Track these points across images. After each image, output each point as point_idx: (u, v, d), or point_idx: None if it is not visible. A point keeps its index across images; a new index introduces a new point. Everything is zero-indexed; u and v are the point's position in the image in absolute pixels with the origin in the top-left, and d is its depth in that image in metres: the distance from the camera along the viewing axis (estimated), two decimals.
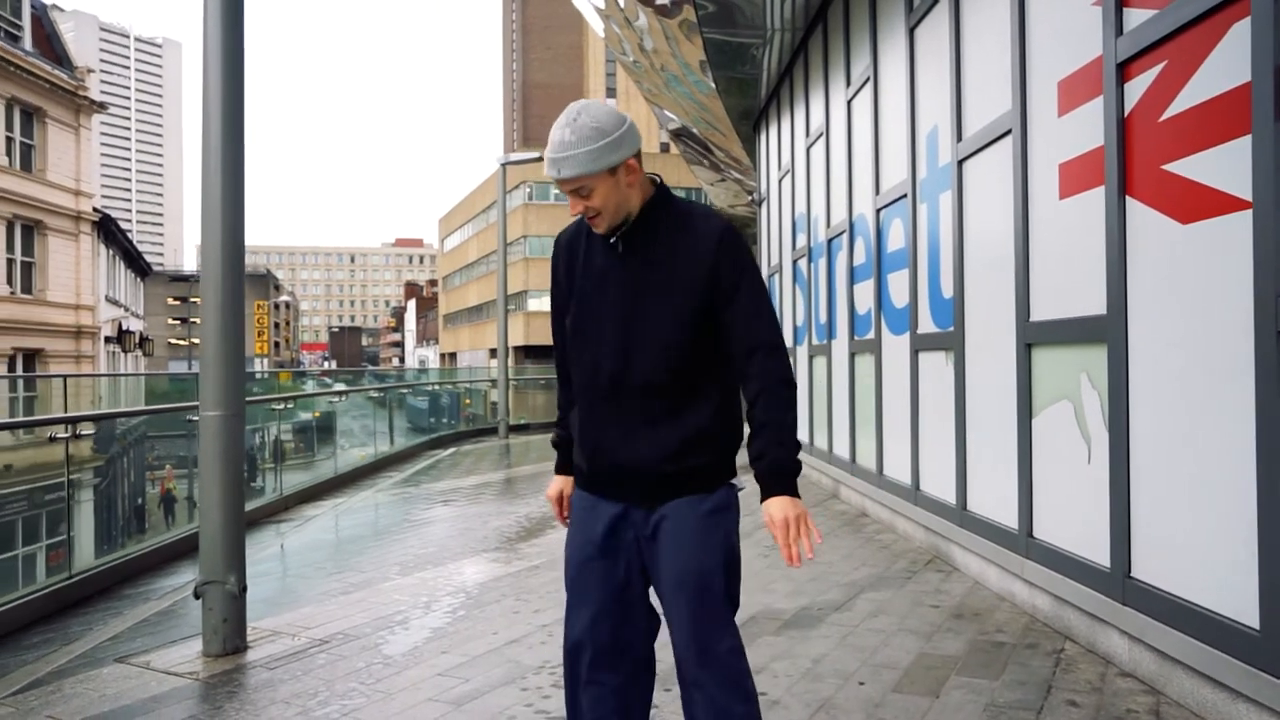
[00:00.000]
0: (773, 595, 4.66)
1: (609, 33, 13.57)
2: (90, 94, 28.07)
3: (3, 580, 15.74)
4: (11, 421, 14.66)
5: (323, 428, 17.18)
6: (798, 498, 1.99)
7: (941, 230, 5.17)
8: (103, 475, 17.58)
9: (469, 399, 21.28)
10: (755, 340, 1.99)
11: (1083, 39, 3.54)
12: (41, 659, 4.04)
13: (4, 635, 4.44)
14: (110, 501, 18.77)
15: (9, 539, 16.45)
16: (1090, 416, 3.56)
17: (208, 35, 3.98)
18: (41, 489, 14.61)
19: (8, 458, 17.37)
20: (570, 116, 1.94)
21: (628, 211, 2.02)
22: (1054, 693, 3.19)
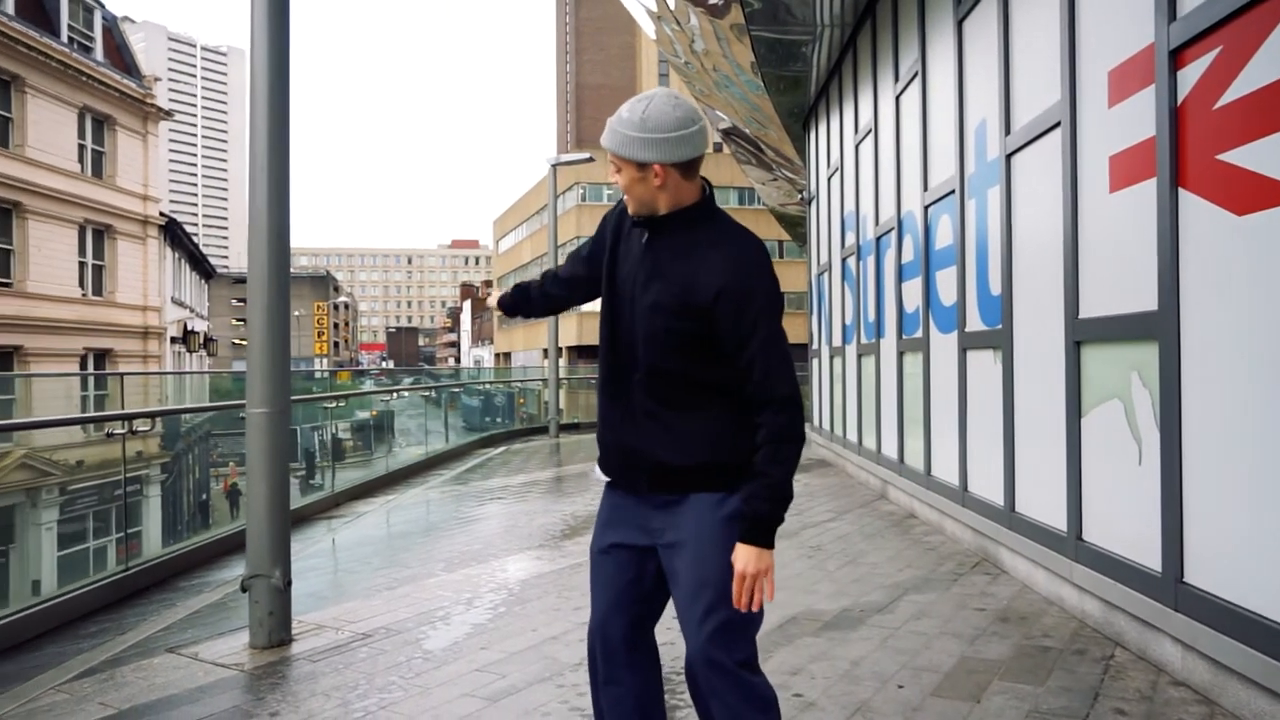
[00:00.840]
0: (814, 596, 4.61)
1: (660, 34, 13.57)
2: (157, 102, 28.92)
3: (76, 572, 16.35)
4: (69, 418, 15.16)
5: (378, 426, 17.47)
6: (770, 549, 1.93)
7: (990, 226, 5.06)
8: (168, 471, 18.12)
9: (523, 398, 21.44)
10: (770, 394, 1.93)
11: (1134, 27, 3.43)
12: (97, 647, 4.16)
13: (64, 624, 4.58)
14: (175, 496, 19.34)
15: (81, 532, 17.06)
16: (1141, 416, 3.45)
17: (254, 45, 4.06)
18: (110, 484, 15.10)
19: (79, 453, 18.00)
20: (646, 98, 1.97)
21: (653, 208, 2.01)
22: (1101, 700, 3.09)
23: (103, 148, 25.98)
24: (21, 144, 21.71)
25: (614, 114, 1.98)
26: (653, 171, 1.95)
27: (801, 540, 6.07)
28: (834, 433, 10.29)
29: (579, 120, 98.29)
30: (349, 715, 3.18)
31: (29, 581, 16.11)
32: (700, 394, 1.99)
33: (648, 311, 2.00)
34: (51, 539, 17.16)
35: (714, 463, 1.99)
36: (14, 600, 14.92)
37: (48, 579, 16.03)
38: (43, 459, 18.04)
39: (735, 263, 1.95)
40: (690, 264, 1.97)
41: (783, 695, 3.23)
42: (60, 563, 16.23)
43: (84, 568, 16.27)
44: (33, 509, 17.54)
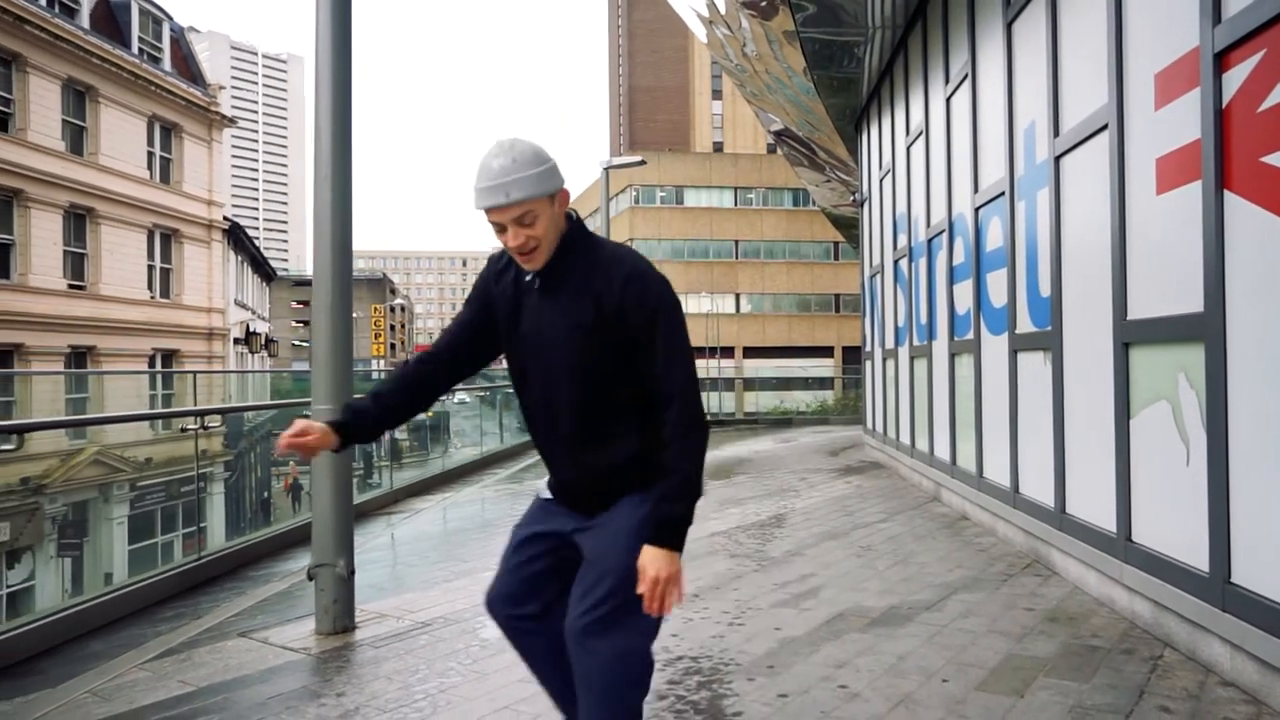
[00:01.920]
0: (863, 594, 4.67)
1: (712, 39, 13.65)
2: (221, 109, 29.79)
3: (145, 564, 16.93)
4: (141, 414, 15.69)
5: (434, 427, 17.78)
6: (678, 551, 2.01)
7: (1039, 228, 5.07)
8: (232, 469, 18.68)
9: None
10: (670, 389, 2.01)
11: (1179, 30, 3.45)
12: (174, 630, 4.39)
13: (143, 608, 4.84)
14: (238, 493, 19.94)
15: (149, 526, 17.66)
16: (1188, 417, 3.46)
17: (319, 54, 4.26)
18: (177, 481, 15.64)
19: (148, 451, 18.64)
20: (505, 146, 1.98)
21: (554, 247, 2.06)
22: (1146, 698, 3.12)
23: (170, 154, 26.84)
24: (95, 152, 22.55)
25: (491, 178, 1.95)
26: (560, 198, 2.03)
27: (852, 540, 6.12)
28: (887, 435, 10.27)
29: (631, 123, 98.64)
30: (411, 698, 3.34)
31: (102, 572, 16.75)
32: (626, 424, 2.08)
33: (562, 348, 2.06)
34: (123, 533, 17.82)
35: (643, 473, 2.08)
36: (88, 588, 15.52)
37: (119, 571, 16.65)
38: (114, 455, 18.76)
39: (623, 269, 2.04)
40: (587, 284, 2.04)
41: (828, 687, 3.32)
42: (130, 555, 16.84)
43: (152, 560, 16.86)
44: (105, 504, 18.25)
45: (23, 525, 14.94)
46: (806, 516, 7.16)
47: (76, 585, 15.50)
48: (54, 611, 4.24)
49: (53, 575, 15.14)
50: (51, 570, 15.32)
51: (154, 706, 3.35)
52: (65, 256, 21.82)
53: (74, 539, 17.07)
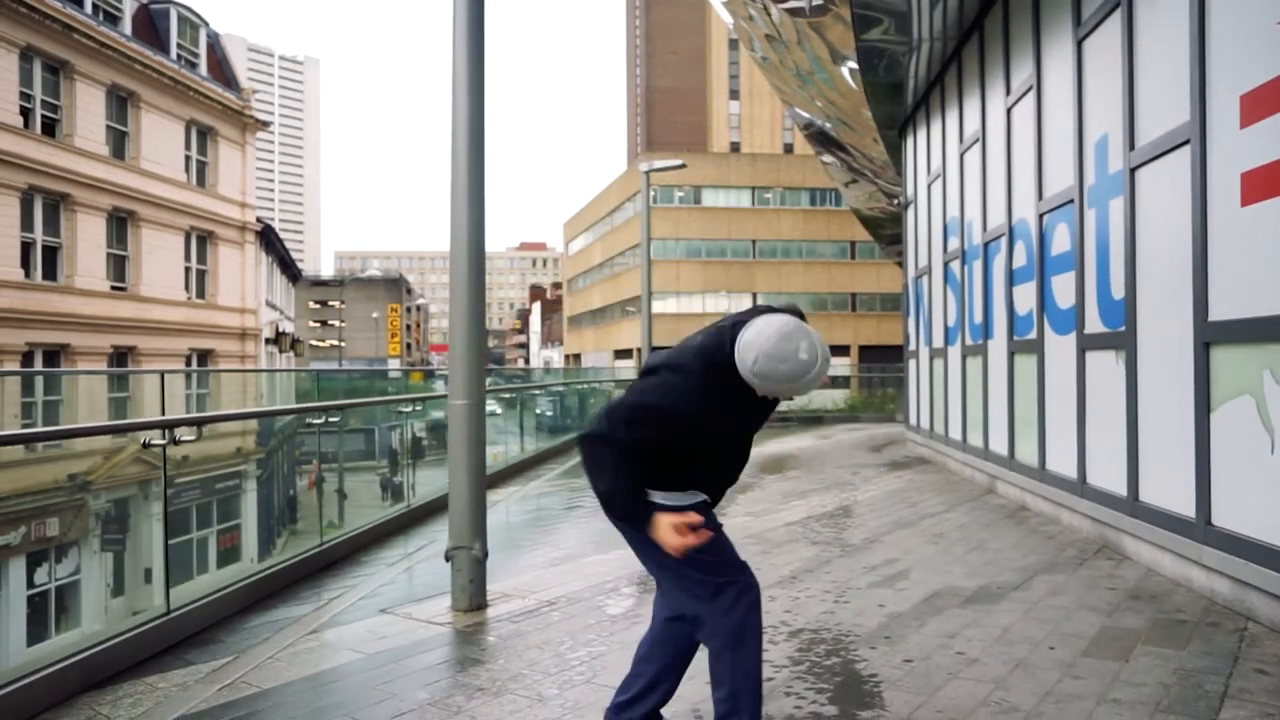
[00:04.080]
0: (950, 576, 5.02)
1: (739, 28, 13.96)
2: (254, 113, 30.31)
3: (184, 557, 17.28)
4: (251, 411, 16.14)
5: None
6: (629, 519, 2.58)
7: (1111, 234, 5.39)
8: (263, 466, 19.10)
9: (593, 399, 21.96)
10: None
11: (1267, 56, 3.78)
12: (317, 610, 4.77)
13: (282, 588, 5.22)
14: (270, 489, 20.38)
15: (186, 522, 18.09)
16: (1274, 410, 3.80)
17: (456, 61, 4.63)
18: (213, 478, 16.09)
19: (186, 450, 19.01)
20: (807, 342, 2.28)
21: None
22: (1241, 663, 3.46)
23: (206, 158, 27.36)
24: (136, 156, 23.06)
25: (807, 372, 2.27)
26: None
27: (922, 529, 6.47)
28: (934, 431, 10.60)
29: (649, 123, 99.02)
30: (566, 664, 3.71)
31: (141, 567, 17.21)
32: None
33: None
34: (160, 529, 18.28)
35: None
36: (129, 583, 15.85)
37: (158, 566, 17.05)
38: (154, 453, 19.23)
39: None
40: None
41: (946, 653, 3.67)
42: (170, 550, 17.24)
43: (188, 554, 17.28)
44: (144, 500, 18.72)
45: (70, 520, 15.42)
46: (871, 508, 7.50)
47: (118, 579, 15.95)
48: (213, 591, 4.63)
49: (97, 569, 15.59)
50: (96, 564, 15.79)
51: (340, 670, 3.73)
52: (108, 259, 22.34)
53: (116, 534, 17.54)
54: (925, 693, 3.25)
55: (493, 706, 3.25)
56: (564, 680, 3.51)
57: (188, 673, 3.76)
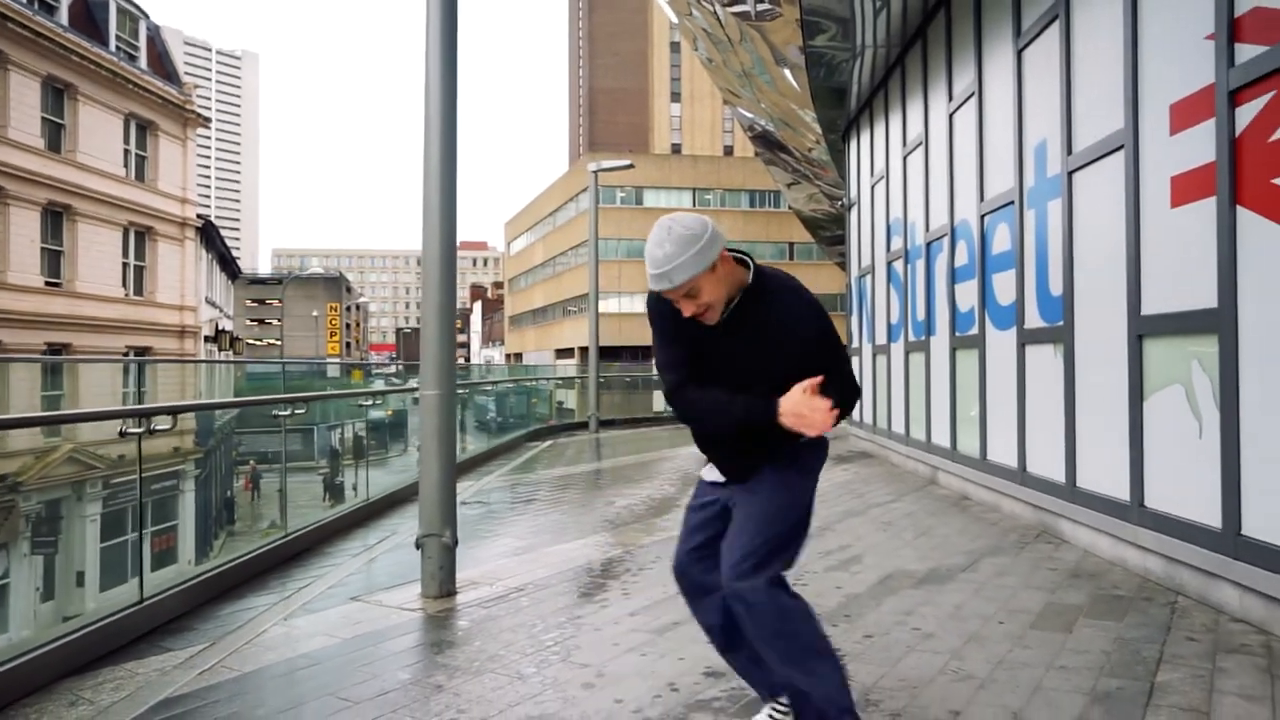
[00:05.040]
0: (902, 559, 5.25)
1: (683, 26, 14.18)
2: (195, 108, 29.66)
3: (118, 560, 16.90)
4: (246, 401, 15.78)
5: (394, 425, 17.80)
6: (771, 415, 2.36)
7: (1050, 234, 5.69)
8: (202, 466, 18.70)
9: (535, 398, 21.99)
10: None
11: (1194, 68, 4.07)
12: (285, 599, 4.80)
13: (250, 578, 5.23)
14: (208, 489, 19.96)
15: (121, 524, 17.67)
16: (1201, 397, 4.09)
17: (429, 60, 4.72)
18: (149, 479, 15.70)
19: (122, 449, 18.60)
20: (663, 232, 2.30)
21: (730, 299, 2.42)
22: (1173, 632, 3.73)
23: (145, 152, 26.72)
24: (73, 149, 22.44)
25: (656, 266, 2.29)
26: (720, 261, 2.33)
27: (871, 517, 6.72)
28: (877, 425, 10.92)
29: (592, 124, 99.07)
30: (540, 645, 3.82)
31: (74, 570, 16.74)
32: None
33: (749, 375, 2.42)
34: (95, 530, 17.78)
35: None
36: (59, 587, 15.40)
37: (91, 568, 16.61)
38: (87, 453, 18.72)
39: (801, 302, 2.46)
40: (766, 321, 2.42)
41: (903, 629, 3.88)
42: (102, 553, 16.81)
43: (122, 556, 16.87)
44: (78, 501, 18.21)
45: None
46: (821, 499, 7.64)
47: (48, 582, 15.51)
48: (190, 578, 4.63)
49: (26, 571, 15.15)
50: (25, 567, 15.34)
51: (317, 654, 3.79)
52: (42, 254, 21.69)
53: (48, 536, 17.05)
54: (887, 664, 3.45)
55: (474, 684, 3.35)
56: (540, 660, 3.63)
57: (165, 658, 3.79)
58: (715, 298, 2.37)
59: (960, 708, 2.98)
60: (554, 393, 22.46)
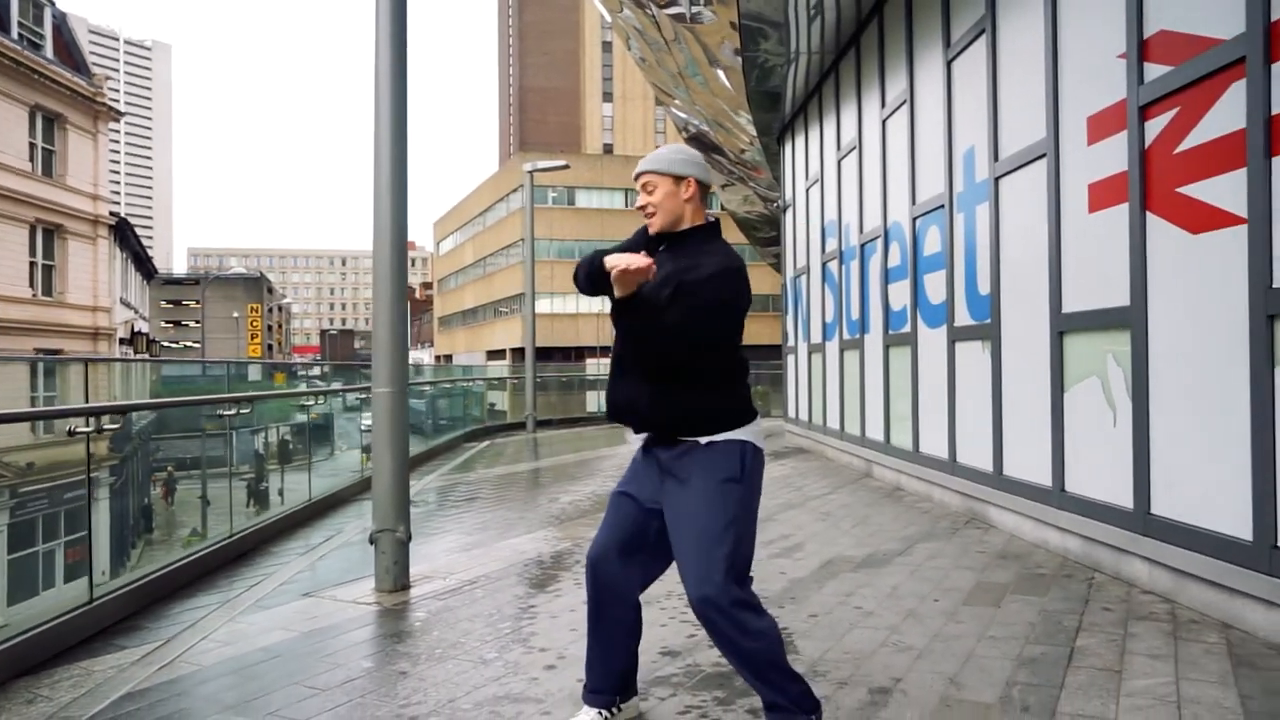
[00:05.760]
0: (840, 546, 5.50)
1: (616, 25, 14.33)
2: (107, 100, 28.71)
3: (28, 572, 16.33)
4: None
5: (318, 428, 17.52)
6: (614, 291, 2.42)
7: (978, 236, 6.01)
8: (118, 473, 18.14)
9: (468, 400, 21.94)
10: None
11: (1108, 85, 4.39)
12: (238, 597, 4.81)
13: (198, 577, 5.20)
14: (125, 497, 19.38)
15: (30, 535, 17.09)
16: (1115, 388, 4.40)
17: (379, 58, 4.77)
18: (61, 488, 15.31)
19: (31, 456, 17.96)
20: (667, 145, 2.74)
21: (677, 224, 2.62)
22: (1091, 604, 4.03)
23: (53, 147, 25.78)
24: None
25: (653, 153, 2.67)
26: (686, 184, 2.62)
27: (811, 508, 6.97)
28: (812, 422, 11.24)
29: (522, 123, 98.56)
30: (499, 633, 3.93)
31: None
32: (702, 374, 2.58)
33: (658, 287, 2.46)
34: (2, 541, 17.11)
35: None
36: None
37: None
38: None
39: (726, 259, 2.52)
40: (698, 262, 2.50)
41: (845, 608, 4.10)
42: (9, 565, 16.19)
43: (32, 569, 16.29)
44: None
45: None
46: (761, 492, 7.96)
47: None
48: (135, 580, 4.60)
49: None
50: None
51: (277, 647, 3.83)
52: None
53: None
54: (832, 640, 3.65)
55: (438, 670, 3.45)
56: (500, 646, 3.74)
57: (120, 656, 3.78)
58: (663, 204, 2.61)
59: (901, 675, 3.19)
60: (485, 394, 22.39)
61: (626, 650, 2.82)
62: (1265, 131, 3.35)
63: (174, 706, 3.17)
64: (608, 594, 2.74)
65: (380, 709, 3.06)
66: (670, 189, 2.62)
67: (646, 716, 2.93)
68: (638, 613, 2.81)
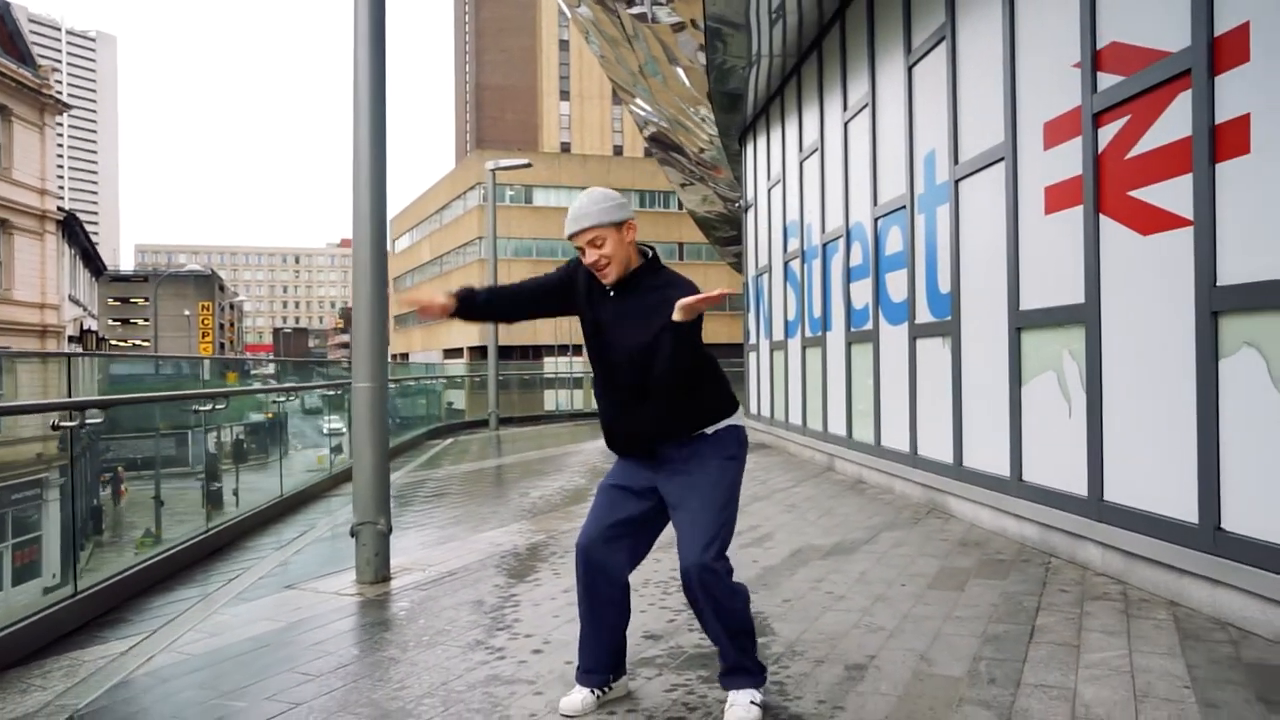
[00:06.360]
0: (808, 536, 5.68)
1: (575, 19, 14.41)
2: (55, 92, 28.10)
3: None
4: None
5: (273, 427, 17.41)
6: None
7: (939, 237, 6.23)
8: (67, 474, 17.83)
9: (426, 398, 21.90)
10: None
11: (1063, 92, 4.62)
12: (219, 589, 4.85)
13: (175, 572, 5.23)
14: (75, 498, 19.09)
15: None
16: (1070, 382, 4.64)
17: (357, 54, 4.84)
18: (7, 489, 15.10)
19: None
20: (585, 194, 2.76)
21: (628, 267, 2.75)
22: (1048, 586, 4.25)
23: None
24: None
25: (572, 214, 2.70)
26: (627, 227, 2.77)
27: (776, 500, 7.16)
28: (774, 418, 11.46)
29: (479, 120, 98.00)
30: (484, 621, 4.03)
31: None
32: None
33: (634, 344, 2.68)
34: None
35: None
36: None
37: None
38: None
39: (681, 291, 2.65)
40: (651, 297, 2.69)
41: (816, 594, 4.27)
42: None
43: None
44: None
45: None
46: None
47: None
48: (116, 573, 4.63)
49: None
50: None
51: (265, 636, 3.90)
52: None
53: None
54: (806, 622, 3.82)
55: (428, 655, 3.55)
56: (487, 631, 3.84)
57: (108, 647, 3.83)
58: (615, 254, 2.72)
59: (874, 653, 3.37)
60: (443, 393, 22.35)
61: (617, 630, 2.98)
62: (1209, 139, 3.58)
63: (168, 693, 3.23)
64: (600, 576, 2.90)
65: (375, 692, 3.15)
66: (616, 237, 2.74)
67: (636, 694, 3.06)
68: (627, 593, 2.96)
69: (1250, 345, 3.43)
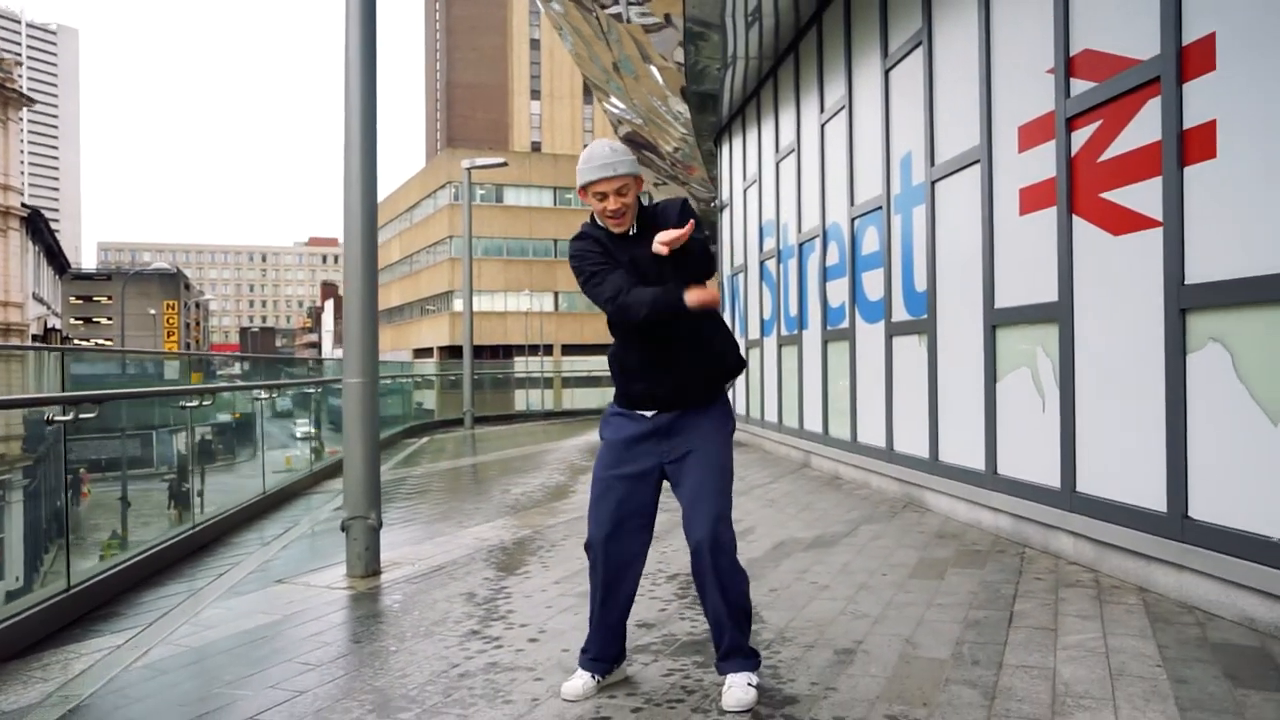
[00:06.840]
0: (789, 529, 5.81)
1: (551, 15, 14.45)
2: (18, 86, 27.66)
3: None
4: None
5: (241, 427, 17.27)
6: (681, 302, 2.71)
7: (915, 237, 6.39)
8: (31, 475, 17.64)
9: (396, 397, 21.79)
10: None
11: (1038, 97, 4.78)
12: (210, 584, 4.87)
13: (165, 567, 5.24)
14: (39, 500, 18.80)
15: None
16: (1044, 377, 4.80)
17: (349, 51, 4.89)
18: None
19: None
20: (604, 143, 2.80)
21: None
22: (1024, 574, 4.40)
23: None
24: None
25: (605, 158, 2.73)
26: (640, 179, 2.89)
27: (756, 496, 7.29)
28: (750, 415, 11.60)
29: (450, 118, 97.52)
30: (478, 612, 4.11)
31: None
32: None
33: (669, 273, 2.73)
34: None
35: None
36: None
37: None
38: None
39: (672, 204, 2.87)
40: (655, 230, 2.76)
41: (802, 584, 4.39)
42: None
43: None
44: None
45: None
46: None
47: None
48: (108, 569, 4.64)
49: None
50: None
51: (260, 629, 3.94)
52: None
53: None
54: (794, 610, 3.94)
55: (426, 645, 3.62)
56: (481, 622, 3.92)
57: (104, 640, 3.85)
58: (633, 204, 2.81)
59: (862, 638, 3.49)
60: (412, 393, 22.27)
61: (625, 617, 3.08)
62: (1178, 144, 3.74)
63: (171, 683, 3.28)
64: (621, 569, 3.00)
65: (377, 680, 3.22)
66: (636, 188, 2.85)
67: (633, 679, 3.15)
68: (638, 580, 3.06)
69: (1216, 341, 3.60)
